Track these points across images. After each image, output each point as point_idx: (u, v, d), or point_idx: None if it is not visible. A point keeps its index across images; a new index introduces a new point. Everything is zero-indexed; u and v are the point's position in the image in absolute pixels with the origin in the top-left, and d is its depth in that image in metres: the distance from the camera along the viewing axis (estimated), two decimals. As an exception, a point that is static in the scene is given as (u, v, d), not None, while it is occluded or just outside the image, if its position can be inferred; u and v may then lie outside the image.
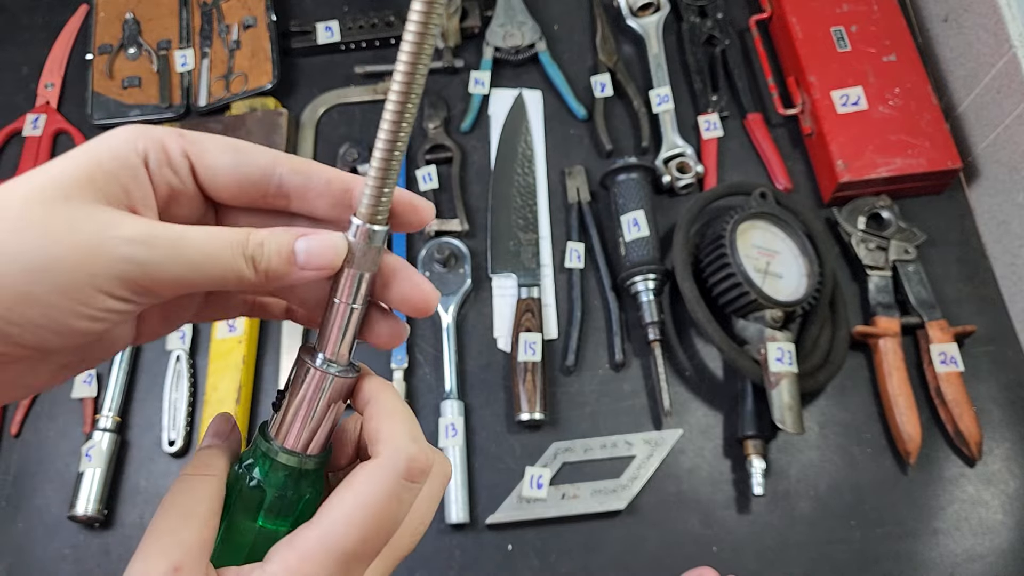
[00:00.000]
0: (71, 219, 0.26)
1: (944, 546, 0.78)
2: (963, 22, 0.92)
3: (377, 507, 0.31)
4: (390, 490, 0.31)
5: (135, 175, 0.28)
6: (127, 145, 0.28)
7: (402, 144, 0.30)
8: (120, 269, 0.26)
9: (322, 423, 0.33)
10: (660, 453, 0.83)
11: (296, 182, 0.31)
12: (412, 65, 0.28)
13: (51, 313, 0.26)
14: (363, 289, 0.33)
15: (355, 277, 0.32)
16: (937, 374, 0.81)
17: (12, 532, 0.83)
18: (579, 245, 0.92)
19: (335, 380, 0.33)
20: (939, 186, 0.92)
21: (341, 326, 0.33)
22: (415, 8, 0.28)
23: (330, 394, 0.33)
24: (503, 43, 1.02)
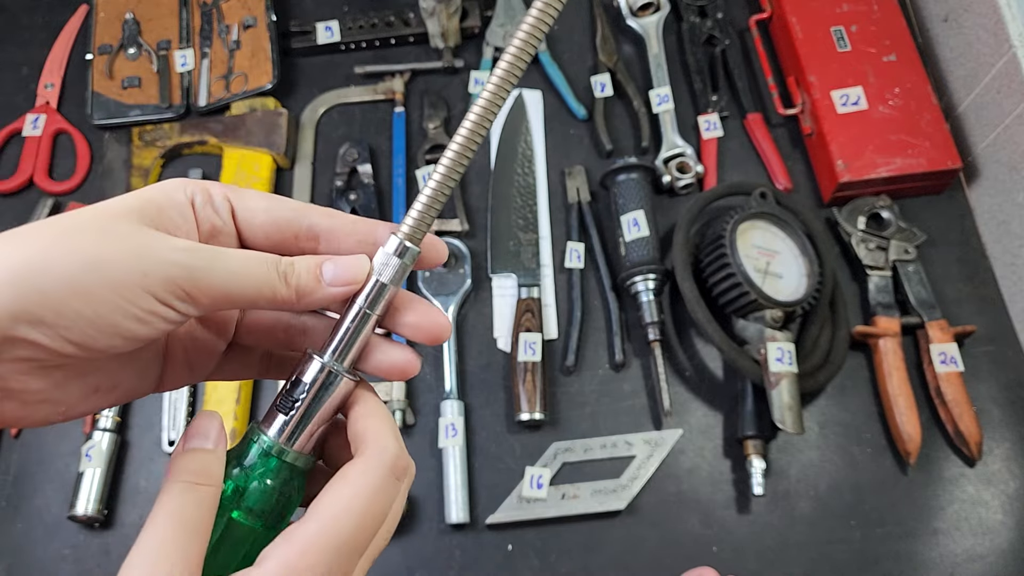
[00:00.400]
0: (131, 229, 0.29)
1: (944, 546, 0.78)
2: (963, 22, 0.92)
3: (370, 500, 0.32)
4: (380, 484, 0.32)
5: (182, 211, 0.32)
6: (176, 187, 0.32)
7: (458, 175, 0.34)
8: (168, 272, 0.29)
9: (324, 422, 0.34)
10: (660, 453, 0.83)
11: (326, 223, 0.34)
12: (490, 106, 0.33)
13: (100, 308, 0.28)
14: (383, 300, 0.34)
15: (379, 286, 0.33)
16: (937, 374, 0.81)
17: (12, 532, 0.83)
18: (579, 245, 0.92)
19: (343, 380, 0.34)
20: (939, 186, 0.92)
21: (353, 329, 0.34)
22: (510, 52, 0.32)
23: (336, 394, 0.34)
24: (503, 43, 1.02)
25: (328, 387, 0.33)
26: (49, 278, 0.27)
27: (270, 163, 0.98)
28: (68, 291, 0.27)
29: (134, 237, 0.29)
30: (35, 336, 0.27)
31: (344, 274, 0.33)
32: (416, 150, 0.99)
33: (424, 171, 0.96)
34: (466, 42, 1.05)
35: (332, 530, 0.30)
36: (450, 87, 1.03)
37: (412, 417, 0.86)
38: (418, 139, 1.00)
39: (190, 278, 0.29)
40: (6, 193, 0.99)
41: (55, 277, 0.27)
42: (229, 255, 0.31)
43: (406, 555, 0.80)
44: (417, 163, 0.98)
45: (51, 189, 0.99)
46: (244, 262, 0.31)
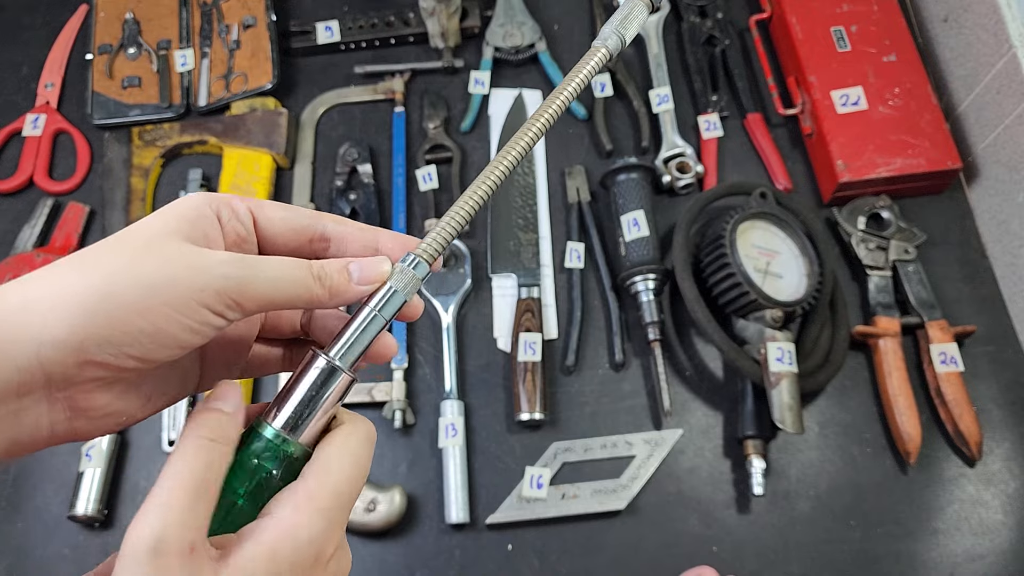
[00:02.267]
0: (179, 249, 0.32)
1: (944, 546, 0.78)
2: (963, 22, 0.92)
3: (358, 456, 0.35)
4: (363, 444, 0.36)
5: (211, 224, 0.35)
6: (203, 201, 0.35)
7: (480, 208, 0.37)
8: (219, 284, 0.32)
9: (323, 415, 0.35)
10: (660, 453, 0.83)
11: (337, 230, 0.38)
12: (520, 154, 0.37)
13: (161, 324, 0.31)
14: (392, 305, 0.36)
15: (391, 292, 0.36)
16: (937, 374, 0.81)
17: (12, 532, 0.83)
18: (579, 245, 0.92)
19: (343, 377, 0.35)
20: (939, 186, 0.92)
21: (362, 330, 0.36)
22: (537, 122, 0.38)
23: (337, 389, 0.35)
24: (503, 43, 1.02)
25: (329, 383, 0.35)
26: (116, 304, 0.30)
27: (270, 163, 0.98)
28: (134, 314, 0.30)
29: (184, 256, 0.32)
30: (104, 357, 0.30)
31: (370, 273, 0.36)
32: (416, 150, 0.99)
33: (424, 171, 0.96)
34: (466, 42, 1.05)
35: (330, 481, 0.34)
36: (450, 87, 1.03)
37: (412, 417, 0.86)
38: (418, 139, 1.00)
39: (238, 288, 0.32)
40: (6, 193, 0.99)
41: (122, 304, 0.30)
42: (268, 263, 0.34)
43: (406, 555, 0.80)
44: (417, 163, 0.98)
45: (51, 189, 0.99)
46: (282, 269, 0.34)
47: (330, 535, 0.33)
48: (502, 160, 0.38)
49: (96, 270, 0.31)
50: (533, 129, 0.38)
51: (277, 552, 0.31)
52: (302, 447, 0.35)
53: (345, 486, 0.34)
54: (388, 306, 0.36)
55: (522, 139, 0.38)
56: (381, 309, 0.36)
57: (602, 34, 0.39)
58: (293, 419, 0.35)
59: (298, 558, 0.32)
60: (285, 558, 0.31)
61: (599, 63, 0.39)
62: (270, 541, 0.31)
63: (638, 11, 0.40)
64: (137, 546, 0.29)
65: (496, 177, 0.37)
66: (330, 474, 0.34)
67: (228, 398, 0.34)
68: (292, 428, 0.35)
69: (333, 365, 0.35)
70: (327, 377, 0.35)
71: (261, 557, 0.31)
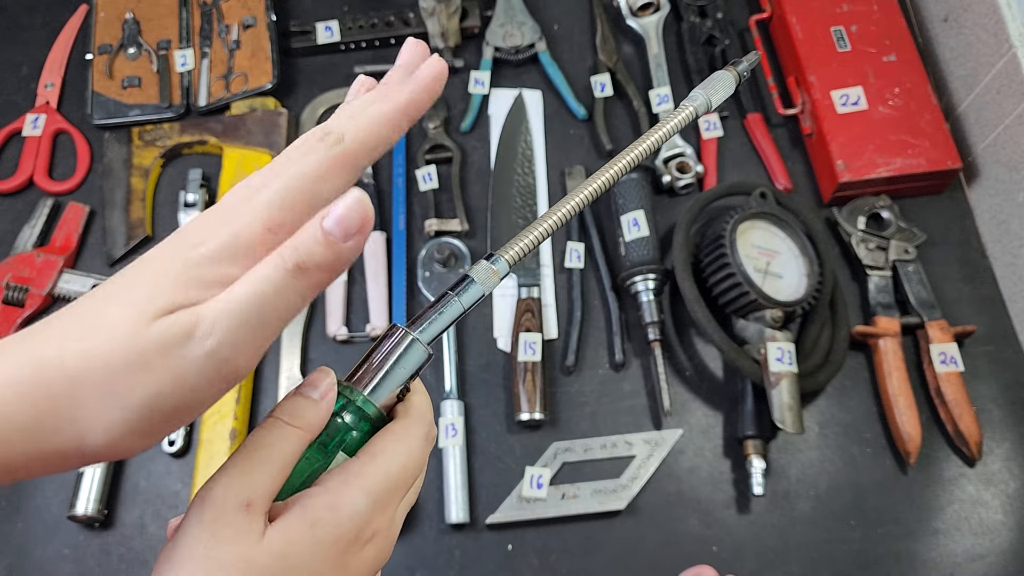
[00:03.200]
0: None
1: (944, 546, 0.78)
2: (963, 22, 0.92)
3: (410, 448, 0.36)
4: (418, 440, 0.36)
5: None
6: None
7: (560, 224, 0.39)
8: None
9: (399, 385, 0.37)
10: (660, 453, 0.83)
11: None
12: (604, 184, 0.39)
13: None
14: (471, 295, 0.37)
15: (470, 282, 0.37)
16: (937, 374, 0.81)
17: (12, 532, 0.83)
18: (579, 245, 0.92)
19: (423, 351, 0.37)
20: (939, 186, 0.92)
21: (439, 311, 0.37)
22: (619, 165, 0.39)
23: (415, 361, 0.37)
24: (503, 43, 1.02)
25: (408, 354, 0.36)
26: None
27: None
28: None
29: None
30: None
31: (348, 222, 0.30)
32: (416, 150, 0.99)
33: (424, 171, 0.96)
34: (466, 42, 1.05)
35: (383, 464, 0.34)
36: (450, 87, 1.03)
37: (412, 417, 0.86)
38: (418, 139, 1.00)
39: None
40: (6, 193, 0.99)
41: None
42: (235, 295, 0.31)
43: (406, 555, 0.80)
44: (417, 163, 0.98)
45: (51, 189, 0.99)
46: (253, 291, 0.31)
47: (373, 515, 0.34)
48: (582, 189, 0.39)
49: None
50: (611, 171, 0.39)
51: (319, 520, 0.32)
52: (378, 409, 0.36)
53: (397, 472, 0.35)
54: (467, 295, 0.37)
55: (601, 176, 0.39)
56: (460, 296, 0.37)
57: (692, 96, 0.42)
58: (373, 384, 0.36)
59: (339, 531, 0.33)
60: (325, 527, 0.32)
61: (687, 118, 0.42)
62: (314, 508, 0.32)
63: (727, 81, 0.44)
64: (199, 497, 0.31)
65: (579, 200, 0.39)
66: (384, 456, 0.35)
67: (318, 385, 0.35)
68: (371, 392, 0.36)
69: (414, 337, 0.36)
70: (407, 348, 0.36)
71: (305, 523, 0.32)
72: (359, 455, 0.35)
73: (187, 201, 0.95)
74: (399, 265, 0.92)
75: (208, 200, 0.97)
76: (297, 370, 0.87)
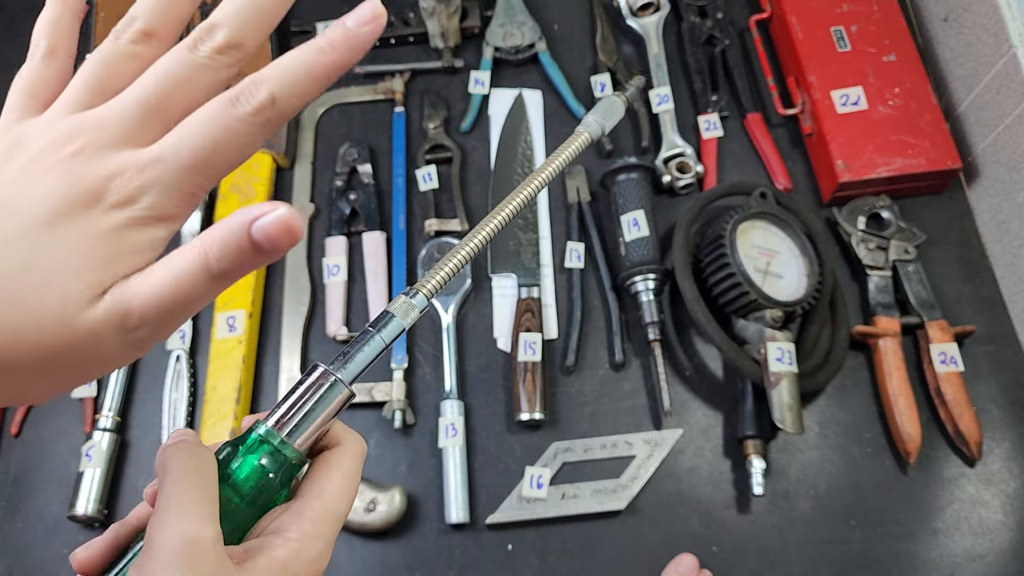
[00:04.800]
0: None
1: (944, 546, 0.78)
2: (963, 22, 0.92)
3: (353, 479, 0.38)
4: (358, 467, 0.38)
5: None
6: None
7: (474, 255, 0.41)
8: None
9: (319, 427, 0.37)
10: (660, 453, 0.83)
11: None
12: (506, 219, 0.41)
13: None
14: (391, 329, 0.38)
15: (389, 317, 0.38)
16: (937, 374, 0.81)
17: (12, 532, 0.83)
18: (579, 245, 0.92)
19: (342, 390, 0.37)
20: (939, 186, 0.92)
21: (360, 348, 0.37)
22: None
23: (335, 402, 0.37)
24: (503, 43, 1.02)
25: (329, 395, 0.36)
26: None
27: (270, 163, 0.98)
28: None
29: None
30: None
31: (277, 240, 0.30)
32: (416, 150, 0.99)
33: (424, 171, 0.96)
34: (466, 42, 1.05)
35: (332, 505, 0.36)
36: (450, 87, 1.03)
37: (412, 417, 0.86)
38: (418, 139, 1.00)
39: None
40: (6, 193, 0.99)
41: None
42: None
43: (406, 555, 0.80)
44: (417, 163, 0.98)
45: (51, 189, 0.98)
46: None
47: (328, 552, 0.36)
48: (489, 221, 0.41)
49: None
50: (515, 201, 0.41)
51: (287, 567, 0.34)
52: (298, 453, 0.36)
53: (343, 508, 0.37)
54: (387, 329, 0.37)
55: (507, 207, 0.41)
56: (380, 331, 0.37)
57: (585, 121, 0.44)
58: (292, 426, 0.36)
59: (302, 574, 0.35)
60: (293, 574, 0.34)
61: (581, 146, 0.43)
62: (281, 558, 0.34)
63: (617, 106, 0.45)
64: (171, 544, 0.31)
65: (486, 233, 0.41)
66: (331, 497, 0.36)
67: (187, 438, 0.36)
68: (290, 434, 0.36)
69: (334, 377, 0.36)
70: (328, 389, 0.36)
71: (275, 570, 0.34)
72: (308, 498, 0.36)
73: (187, 201, 0.95)
74: (399, 265, 0.92)
75: (207, 200, 0.96)
76: (297, 370, 0.87)
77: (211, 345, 0.88)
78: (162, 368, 0.88)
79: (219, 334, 0.88)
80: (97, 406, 0.88)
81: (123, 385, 0.88)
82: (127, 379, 0.88)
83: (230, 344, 0.87)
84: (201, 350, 0.90)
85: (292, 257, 0.94)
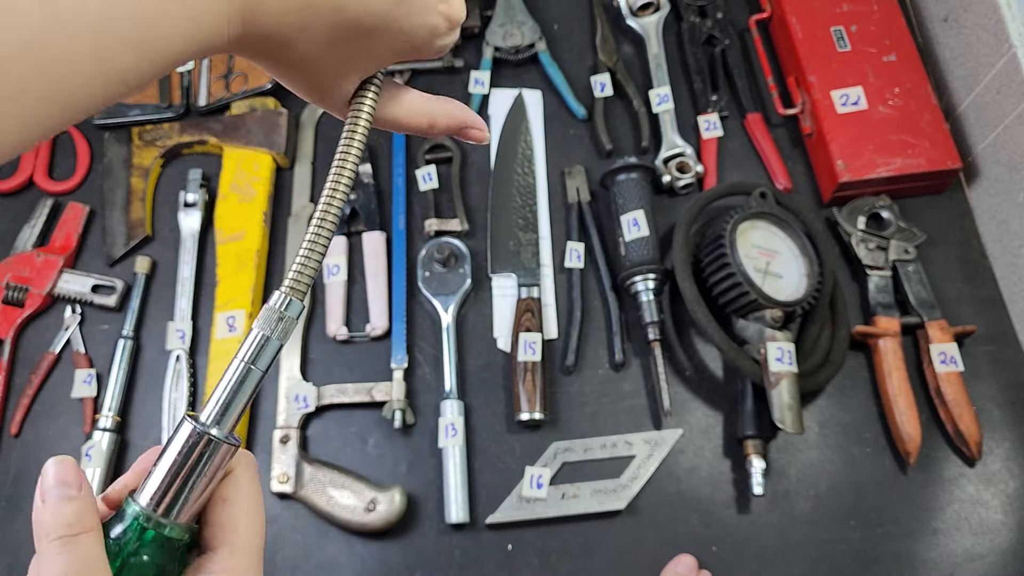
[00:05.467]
0: None
1: (944, 546, 0.78)
2: (963, 22, 0.92)
3: (256, 503, 0.34)
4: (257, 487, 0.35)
5: None
6: None
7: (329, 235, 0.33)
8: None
9: (203, 490, 0.32)
10: (660, 453, 0.83)
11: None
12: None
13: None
14: (267, 354, 0.32)
15: (264, 340, 0.32)
16: (937, 374, 0.81)
17: (12, 532, 0.83)
18: (579, 245, 0.92)
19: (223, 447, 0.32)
20: (939, 186, 0.92)
21: (235, 387, 0.32)
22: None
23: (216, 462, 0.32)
24: (503, 43, 1.02)
25: (207, 457, 0.32)
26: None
27: (270, 163, 0.98)
28: None
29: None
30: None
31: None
32: (416, 150, 0.99)
33: (424, 171, 0.96)
34: (466, 42, 1.05)
35: (243, 545, 0.33)
36: (450, 87, 1.03)
37: (412, 417, 0.86)
38: (418, 139, 1.00)
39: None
40: (6, 193, 0.99)
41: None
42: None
43: (406, 555, 0.80)
44: (417, 163, 0.98)
45: (51, 189, 0.99)
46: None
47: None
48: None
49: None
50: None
51: None
52: (183, 528, 0.32)
53: (258, 546, 0.33)
54: (262, 356, 0.32)
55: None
56: (254, 361, 0.32)
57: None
58: (170, 500, 0.31)
59: None
60: None
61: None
62: None
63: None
64: None
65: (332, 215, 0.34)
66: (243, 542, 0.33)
67: (69, 481, 0.32)
68: (168, 511, 0.31)
69: (207, 435, 0.31)
70: (202, 449, 0.31)
71: None
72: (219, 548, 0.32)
73: (187, 201, 0.95)
74: (399, 265, 0.92)
75: (208, 200, 0.96)
76: (297, 370, 0.87)
77: (211, 345, 0.88)
78: (162, 368, 0.88)
79: (219, 334, 0.88)
80: (97, 406, 0.88)
81: (123, 385, 0.88)
82: (127, 379, 0.88)
83: (230, 344, 0.87)
84: (201, 350, 0.90)
85: (292, 257, 0.94)
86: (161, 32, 0.28)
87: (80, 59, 0.26)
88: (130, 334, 0.90)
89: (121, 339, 0.89)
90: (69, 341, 0.91)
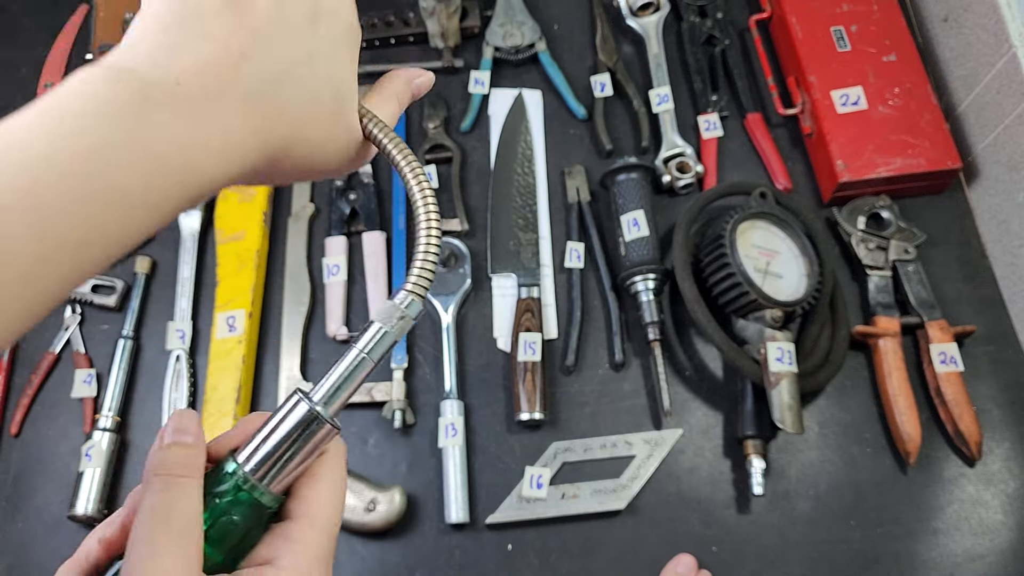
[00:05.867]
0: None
1: (944, 546, 0.78)
2: (963, 22, 0.92)
3: (340, 487, 0.36)
4: (343, 473, 0.36)
5: None
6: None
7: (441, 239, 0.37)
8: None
9: (298, 466, 0.34)
10: (660, 453, 0.83)
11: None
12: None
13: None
14: (382, 347, 0.34)
15: (382, 333, 0.34)
16: (937, 374, 0.81)
17: (12, 532, 0.83)
18: (579, 245, 0.92)
19: (325, 428, 0.34)
20: (939, 186, 0.92)
21: (348, 374, 0.34)
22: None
23: (316, 440, 0.34)
24: (503, 43, 1.02)
25: (311, 434, 0.33)
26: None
27: (270, 163, 0.97)
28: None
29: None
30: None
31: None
32: (416, 150, 0.99)
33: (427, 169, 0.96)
34: (466, 42, 1.05)
35: (323, 521, 0.34)
36: (450, 87, 1.03)
37: (412, 417, 0.86)
38: (418, 139, 1.00)
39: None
40: (6, 193, 0.99)
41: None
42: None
43: (406, 555, 0.80)
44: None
45: (51, 189, 0.98)
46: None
47: (327, 569, 0.35)
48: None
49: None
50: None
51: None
52: (274, 497, 0.34)
53: (335, 522, 0.35)
54: (377, 348, 0.35)
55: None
56: (370, 351, 0.34)
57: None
58: (268, 468, 0.33)
59: None
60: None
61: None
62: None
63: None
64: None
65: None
66: (322, 515, 0.35)
67: (187, 429, 0.34)
68: (264, 477, 0.33)
69: (316, 414, 0.33)
70: (308, 426, 0.33)
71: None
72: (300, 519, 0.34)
73: (187, 201, 0.95)
74: (399, 265, 0.92)
75: (208, 200, 0.96)
76: (297, 370, 0.87)
77: (211, 345, 0.88)
78: (162, 368, 0.88)
79: (219, 334, 0.88)
80: (97, 406, 0.88)
81: (123, 385, 0.88)
82: (127, 379, 0.88)
83: (230, 344, 0.87)
84: (201, 350, 0.90)
85: (292, 257, 0.94)
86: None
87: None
88: (130, 334, 0.90)
89: (121, 339, 0.89)
90: (69, 341, 0.91)
